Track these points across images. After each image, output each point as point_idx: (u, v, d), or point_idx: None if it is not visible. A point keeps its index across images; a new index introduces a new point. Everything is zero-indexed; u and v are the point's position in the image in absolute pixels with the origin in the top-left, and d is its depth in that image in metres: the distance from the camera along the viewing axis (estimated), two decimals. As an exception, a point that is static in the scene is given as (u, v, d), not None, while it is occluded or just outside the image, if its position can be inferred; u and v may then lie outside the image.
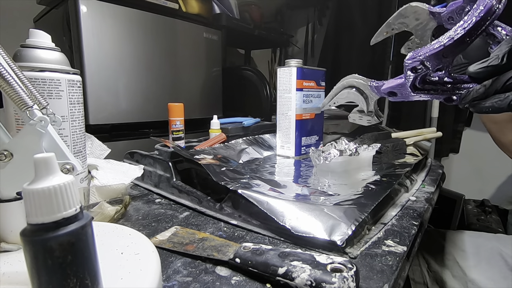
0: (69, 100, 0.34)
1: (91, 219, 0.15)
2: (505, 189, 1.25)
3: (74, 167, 0.24)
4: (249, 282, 0.24)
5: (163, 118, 0.82)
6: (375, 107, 0.38)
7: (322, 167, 0.51)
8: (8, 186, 0.23)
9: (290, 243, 0.30)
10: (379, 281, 0.24)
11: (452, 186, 1.31)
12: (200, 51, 1.00)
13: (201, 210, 0.38)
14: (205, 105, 1.04)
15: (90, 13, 0.72)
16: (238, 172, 0.43)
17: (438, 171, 0.60)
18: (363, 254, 0.28)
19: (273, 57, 1.65)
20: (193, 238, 0.30)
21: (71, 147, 0.35)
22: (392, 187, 0.40)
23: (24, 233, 0.13)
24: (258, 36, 1.26)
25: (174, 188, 0.43)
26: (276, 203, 0.32)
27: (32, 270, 0.14)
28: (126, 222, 0.35)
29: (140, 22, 0.82)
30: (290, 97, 0.60)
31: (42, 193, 0.14)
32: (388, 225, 0.34)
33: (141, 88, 0.85)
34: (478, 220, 1.04)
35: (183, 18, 0.93)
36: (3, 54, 0.23)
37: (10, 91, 0.22)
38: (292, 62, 0.59)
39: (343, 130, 0.84)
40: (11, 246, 0.24)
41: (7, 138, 0.24)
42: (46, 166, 0.14)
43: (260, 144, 0.65)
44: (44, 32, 0.34)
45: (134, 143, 0.83)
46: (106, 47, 0.76)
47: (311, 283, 0.21)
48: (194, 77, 0.99)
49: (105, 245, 0.23)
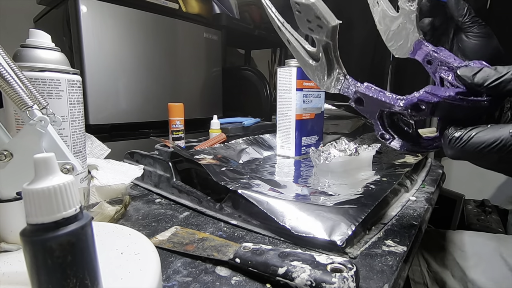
0: (69, 100, 0.34)
1: (91, 219, 0.15)
2: (505, 189, 1.25)
3: (74, 167, 0.24)
4: (249, 282, 0.24)
5: (163, 118, 0.82)
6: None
7: (322, 167, 0.51)
8: (8, 186, 0.23)
9: (290, 243, 0.30)
10: (379, 281, 0.24)
11: (452, 186, 1.31)
12: (200, 51, 1.00)
13: (201, 210, 0.38)
14: (205, 105, 1.04)
15: (90, 13, 0.72)
16: (238, 172, 0.43)
17: (438, 171, 0.60)
18: (363, 254, 0.28)
19: (273, 57, 1.65)
20: (193, 238, 0.30)
21: (71, 147, 0.35)
22: (392, 187, 0.40)
23: (24, 233, 0.13)
24: (258, 36, 1.26)
25: (174, 188, 0.43)
26: (276, 203, 0.32)
27: (32, 270, 0.14)
28: (126, 222, 0.35)
29: (140, 22, 0.82)
30: (290, 97, 0.60)
31: (42, 193, 0.14)
32: (388, 225, 0.34)
33: (141, 88, 0.85)
34: (478, 220, 1.04)
35: (183, 18, 0.93)
36: (3, 54, 0.23)
37: (10, 91, 0.22)
38: (292, 62, 0.59)
39: (343, 130, 0.84)
40: (11, 246, 0.24)
41: (7, 138, 0.24)
42: (46, 166, 0.14)
43: (260, 144, 0.65)
44: (44, 32, 0.34)
45: (134, 143, 0.83)
46: (106, 47, 0.76)
47: (311, 283, 0.21)
48: (194, 77, 0.99)
49: (105, 245, 0.23)
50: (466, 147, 0.24)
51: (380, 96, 0.28)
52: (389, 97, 0.27)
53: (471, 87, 0.24)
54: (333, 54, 0.30)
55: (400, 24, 0.32)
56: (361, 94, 0.29)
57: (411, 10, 0.31)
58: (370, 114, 0.29)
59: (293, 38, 0.33)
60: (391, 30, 0.33)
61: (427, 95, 0.25)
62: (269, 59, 1.65)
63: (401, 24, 0.32)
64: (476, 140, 0.23)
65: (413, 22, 0.31)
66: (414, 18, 0.31)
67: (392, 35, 0.33)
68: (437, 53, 0.28)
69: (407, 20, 0.31)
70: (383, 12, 0.33)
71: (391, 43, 0.33)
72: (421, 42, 0.30)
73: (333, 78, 0.31)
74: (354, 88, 0.29)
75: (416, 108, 0.26)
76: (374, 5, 0.34)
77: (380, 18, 0.33)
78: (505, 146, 0.22)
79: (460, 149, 0.24)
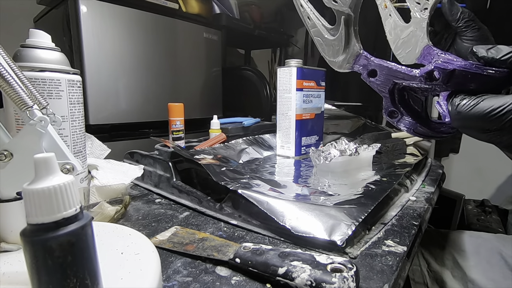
0: (69, 100, 0.34)
1: (91, 219, 0.15)
2: (505, 189, 1.25)
3: (74, 167, 0.24)
4: (249, 282, 0.24)
5: (163, 118, 0.82)
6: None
7: (322, 167, 0.51)
8: (8, 186, 0.23)
9: (290, 243, 0.30)
10: (379, 281, 0.24)
11: (452, 186, 1.31)
12: (200, 51, 1.00)
13: (201, 210, 0.38)
14: (205, 105, 1.04)
15: (90, 13, 0.72)
16: (238, 172, 0.43)
17: (438, 171, 0.60)
18: (363, 254, 0.28)
19: (273, 57, 1.65)
20: (193, 238, 0.30)
21: (71, 147, 0.35)
22: (392, 187, 0.40)
23: (24, 233, 0.13)
24: (258, 36, 1.26)
25: (174, 188, 0.43)
26: (276, 203, 0.32)
27: (32, 270, 0.14)
28: (126, 222, 0.35)
29: (140, 22, 0.82)
30: (290, 97, 0.60)
31: (42, 193, 0.14)
32: (388, 225, 0.34)
33: (141, 88, 0.85)
34: (478, 220, 1.04)
35: (183, 18, 0.93)
36: (3, 54, 0.23)
37: (10, 91, 0.22)
38: (292, 62, 0.59)
39: (343, 130, 0.84)
40: (11, 246, 0.24)
41: (7, 138, 0.24)
42: (46, 166, 0.14)
43: (260, 144, 0.65)
44: (44, 32, 0.34)
45: (134, 143, 0.83)
46: (106, 47, 0.76)
47: (311, 283, 0.21)
48: (194, 77, 0.99)
49: (105, 245, 0.23)
50: (473, 111, 0.25)
51: (395, 67, 0.29)
52: (404, 68, 0.29)
53: (485, 61, 0.25)
54: (353, 28, 0.32)
55: (411, 32, 0.32)
56: (376, 64, 0.31)
57: (423, 18, 0.31)
58: (381, 86, 0.30)
59: (313, 14, 0.35)
60: (401, 39, 0.33)
61: (443, 63, 0.26)
62: (269, 59, 1.66)
63: (411, 32, 0.32)
64: (484, 104, 0.24)
65: (423, 29, 0.31)
66: (425, 25, 0.31)
67: (402, 43, 0.33)
68: (444, 55, 0.28)
69: (418, 28, 0.32)
70: (395, 23, 0.34)
71: (399, 51, 0.34)
72: (429, 47, 0.30)
73: (348, 54, 0.33)
74: (369, 62, 0.31)
75: (430, 77, 0.27)
76: (387, 18, 0.34)
77: (391, 28, 0.34)
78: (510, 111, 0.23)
79: (466, 113, 0.25)
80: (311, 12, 0.35)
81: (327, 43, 0.34)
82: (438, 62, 0.27)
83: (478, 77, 0.25)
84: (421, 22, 0.31)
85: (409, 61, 0.33)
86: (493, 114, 0.24)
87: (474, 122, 0.26)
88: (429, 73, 0.27)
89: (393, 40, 0.34)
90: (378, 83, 0.31)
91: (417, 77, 0.28)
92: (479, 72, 0.25)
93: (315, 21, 0.35)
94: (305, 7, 0.35)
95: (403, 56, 0.33)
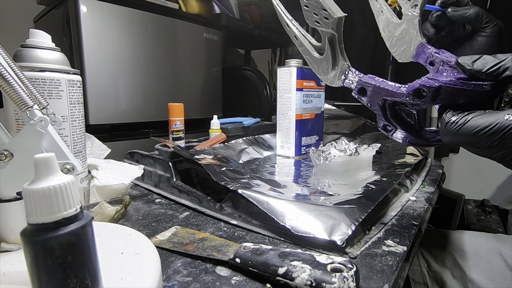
0: (69, 100, 0.34)
1: (91, 219, 0.15)
2: (505, 189, 1.25)
3: (74, 167, 0.24)
4: (249, 282, 0.24)
5: (163, 118, 0.82)
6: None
7: (322, 167, 0.51)
8: (8, 186, 0.23)
9: (290, 243, 0.30)
10: (379, 281, 0.24)
11: (452, 186, 1.31)
12: (200, 51, 1.00)
13: (201, 210, 0.38)
14: (205, 105, 1.04)
15: (90, 13, 0.72)
16: (238, 172, 0.43)
17: (438, 171, 0.60)
18: (363, 254, 0.28)
19: (273, 57, 1.65)
20: (193, 238, 0.30)
21: (71, 147, 0.35)
22: (392, 187, 0.40)
23: (24, 233, 0.13)
24: (258, 36, 1.26)
25: (174, 188, 0.43)
26: (276, 203, 0.32)
27: (32, 270, 0.14)
28: (126, 222, 0.35)
29: (140, 22, 0.82)
30: (290, 97, 0.60)
31: (42, 193, 0.14)
32: (388, 225, 0.34)
33: (141, 88, 0.85)
34: (478, 220, 1.04)
35: (183, 18, 0.93)
36: (3, 54, 0.23)
37: (10, 91, 0.22)
38: (292, 62, 0.59)
39: (343, 130, 0.84)
40: (11, 246, 0.24)
41: (7, 138, 0.24)
42: (46, 166, 0.14)
43: (260, 144, 0.65)
44: (44, 32, 0.34)
45: (134, 143, 0.83)
46: (106, 47, 0.76)
47: (311, 283, 0.21)
48: (194, 77, 0.99)
49: (105, 245, 0.23)
50: (461, 130, 0.25)
51: (382, 85, 0.29)
52: (392, 85, 0.29)
53: (471, 74, 0.25)
54: (338, 46, 0.32)
55: (404, 29, 0.32)
56: (364, 83, 0.30)
57: (414, 16, 0.31)
58: (372, 104, 0.30)
59: (300, 33, 0.35)
60: (394, 36, 0.33)
61: (428, 80, 0.26)
62: (269, 59, 1.65)
63: (404, 30, 0.32)
64: (471, 124, 0.24)
65: (416, 27, 0.31)
66: (417, 23, 0.31)
67: (396, 41, 0.33)
68: (438, 54, 0.28)
69: (410, 25, 0.31)
70: (387, 20, 0.34)
71: (395, 49, 0.34)
72: (423, 45, 0.30)
73: (337, 70, 0.33)
74: (357, 78, 0.31)
75: (418, 94, 0.27)
76: (379, 14, 0.34)
77: (385, 25, 0.34)
78: (499, 130, 0.23)
79: (455, 132, 0.25)
80: (298, 32, 0.35)
81: (316, 61, 0.34)
82: (424, 80, 0.27)
83: (465, 92, 0.25)
84: (413, 19, 0.31)
85: (406, 59, 0.33)
86: (481, 134, 0.23)
87: (463, 140, 0.25)
88: (416, 90, 0.27)
89: (388, 38, 0.34)
90: (368, 101, 0.31)
91: (405, 94, 0.28)
92: (464, 87, 0.25)
93: (302, 40, 0.35)
94: (291, 27, 0.35)
95: (399, 54, 0.33)
